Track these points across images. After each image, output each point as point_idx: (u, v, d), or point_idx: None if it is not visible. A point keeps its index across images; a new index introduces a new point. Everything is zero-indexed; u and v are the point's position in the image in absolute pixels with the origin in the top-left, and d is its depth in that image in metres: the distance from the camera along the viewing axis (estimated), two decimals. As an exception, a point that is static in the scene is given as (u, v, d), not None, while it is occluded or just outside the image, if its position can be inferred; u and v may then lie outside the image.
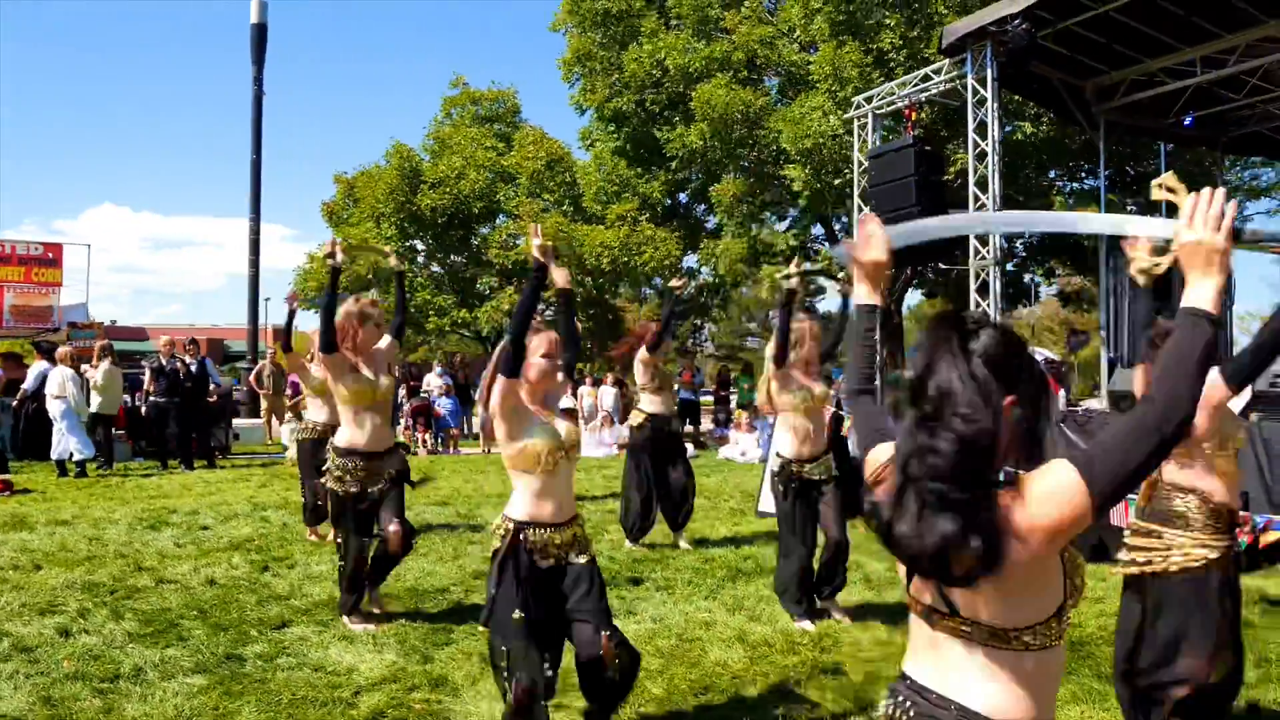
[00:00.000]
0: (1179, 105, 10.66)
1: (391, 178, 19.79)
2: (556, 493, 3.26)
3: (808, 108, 14.06)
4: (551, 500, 3.25)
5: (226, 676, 4.17)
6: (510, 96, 22.96)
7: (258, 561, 6.51)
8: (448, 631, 4.90)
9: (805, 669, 4.37)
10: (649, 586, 5.93)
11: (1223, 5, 8.63)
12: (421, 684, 4.11)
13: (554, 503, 3.25)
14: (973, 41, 9.42)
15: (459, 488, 10.75)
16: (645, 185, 18.12)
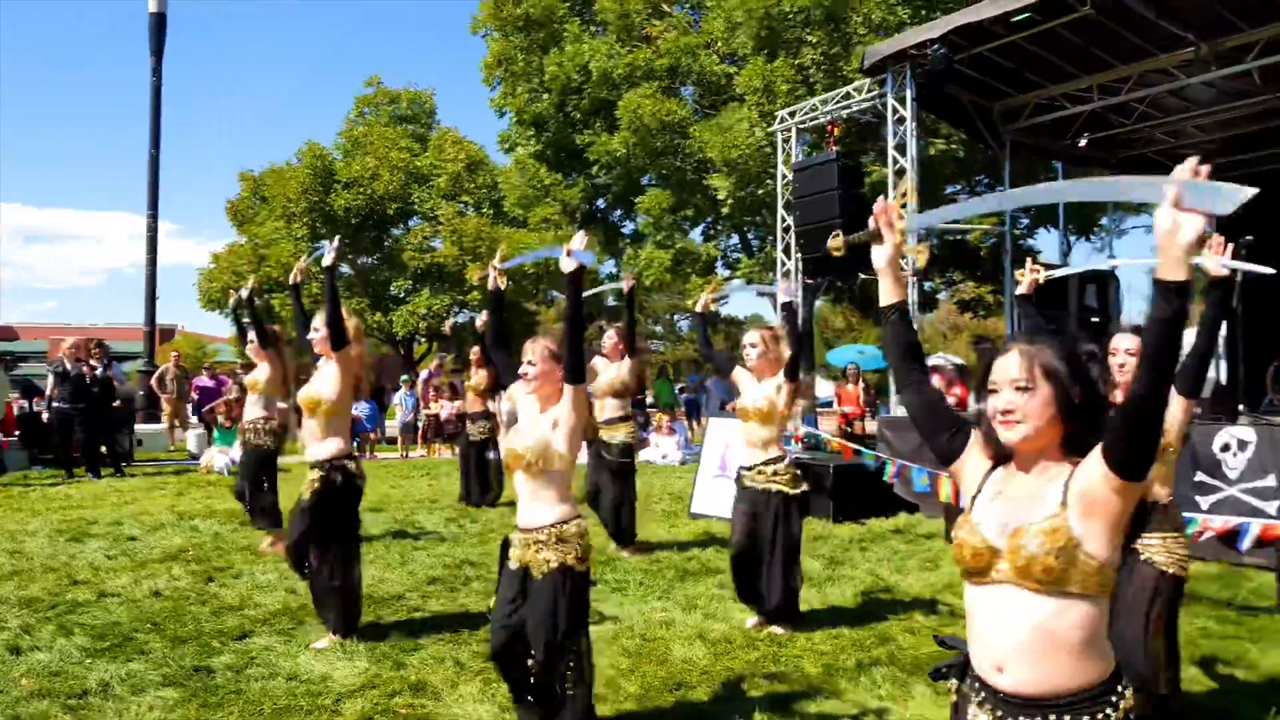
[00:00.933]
0: (1076, 127, 11.42)
1: (304, 177, 19.34)
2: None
3: (735, 119, 14.45)
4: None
5: (199, 689, 4.14)
6: (427, 98, 22.73)
7: (200, 572, 6.39)
8: (414, 637, 4.95)
9: (768, 663, 4.61)
10: (603, 589, 6.08)
11: (1118, 38, 9.31)
12: (401, 689, 4.17)
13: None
14: (893, 63, 9.90)
15: (388, 493, 10.67)
16: (566, 191, 18.23)
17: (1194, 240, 1.56)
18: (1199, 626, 5.21)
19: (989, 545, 1.84)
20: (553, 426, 3.36)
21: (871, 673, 4.41)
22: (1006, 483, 1.94)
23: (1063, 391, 1.85)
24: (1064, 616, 1.76)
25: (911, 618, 5.42)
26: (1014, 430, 1.87)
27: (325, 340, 4.84)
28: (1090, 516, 1.76)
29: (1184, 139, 12.28)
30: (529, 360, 3.43)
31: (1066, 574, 1.74)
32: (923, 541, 7.83)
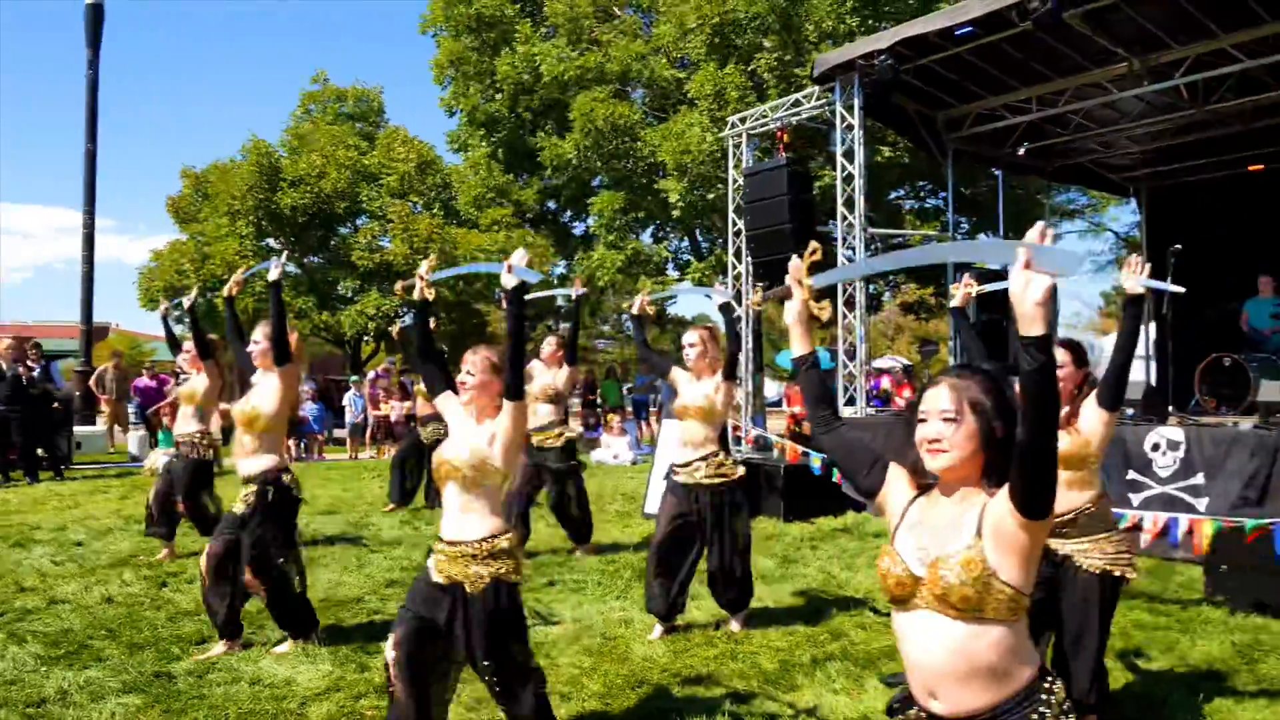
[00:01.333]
0: (1015, 137, 11.77)
1: (249, 174, 19.00)
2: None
3: (687, 124, 14.61)
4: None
5: (162, 694, 4.13)
6: (375, 96, 22.49)
7: (152, 578, 6.32)
8: (376, 640, 4.95)
9: (726, 660, 4.73)
10: (562, 589, 6.17)
11: (1057, 53, 9.65)
12: (367, 692, 4.20)
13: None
14: (841, 72, 10.12)
15: (340, 495, 10.60)
16: (521, 192, 18.19)
17: (1044, 298, 1.70)
18: (1132, 619, 5.47)
19: (911, 574, 1.95)
20: (490, 441, 3.28)
21: (826, 667, 4.56)
22: (927, 511, 2.04)
23: (987, 425, 1.95)
24: (981, 639, 1.87)
25: (863, 614, 5.59)
26: (939, 459, 1.97)
27: (267, 354, 4.80)
28: (1002, 549, 1.86)
29: (1116, 149, 12.75)
30: (468, 370, 3.38)
31: (983, 601, 1.85)
32: (871, 539, 8.04)
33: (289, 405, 4.87)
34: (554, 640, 5.02)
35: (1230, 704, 4.12)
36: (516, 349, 3.22)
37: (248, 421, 4.69)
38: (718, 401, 5.23)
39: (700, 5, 14.48)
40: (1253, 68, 9.10)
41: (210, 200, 20.16)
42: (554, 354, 7.36)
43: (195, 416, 6.92)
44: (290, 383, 4.80)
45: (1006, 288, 6.25)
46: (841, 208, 10.34)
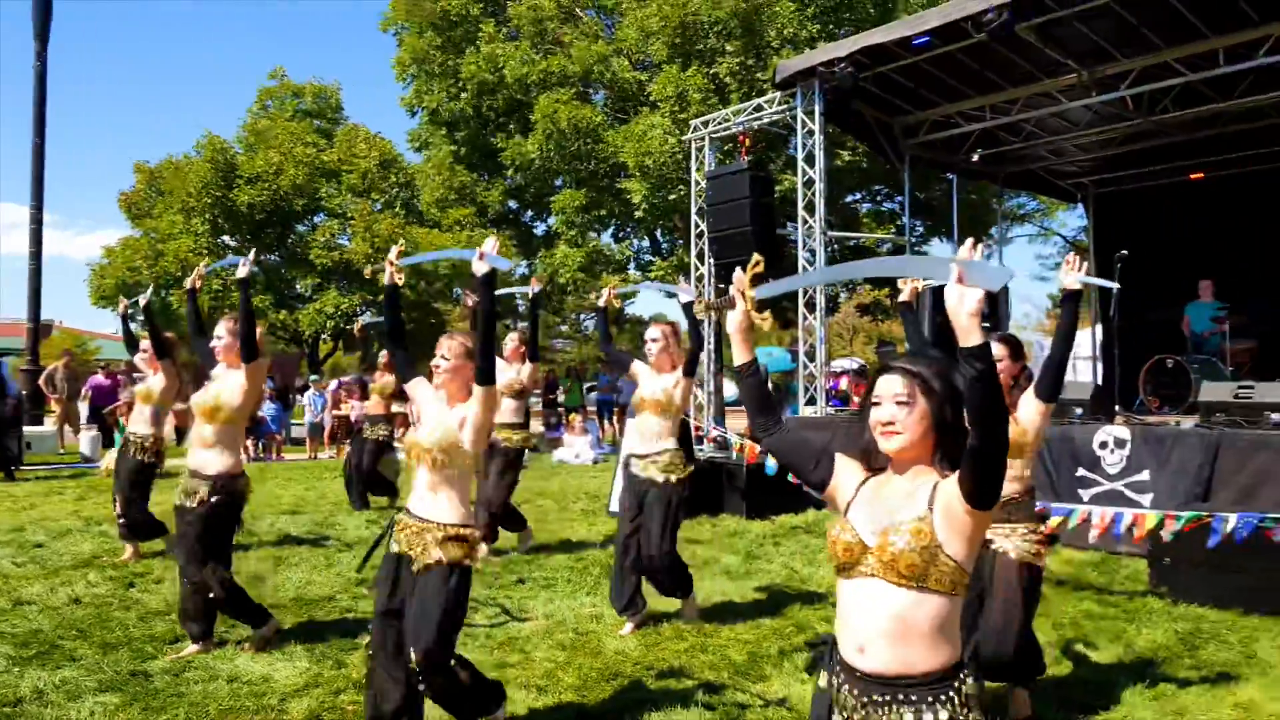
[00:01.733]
0: (969, 144, 12.09)
1: (204, 171, 18.74)
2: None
3: (649, 125, 14.74)
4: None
5: (140, 693, 4.15)
6: (333, 92, 22.28)
7: (118, 578, 6.28)
8: (350, 637, 5.03)
9: (696, 653, 4.87)
10: (532, 586, 6.26)
11: (1010, 63, 9.95)
12: (345, 687, 4.26)
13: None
14: (803, 79, 10.33)
15: (303, 495, 10.56)
16: (485, 192, 18.19)
17: (977, 310, 1.85)
18: (1082, 609, 5.72)
19: (860, 541, 2.06)
20: (460, 425, 3.41)
21: (793, 658, 4.73)
22: (880, 489, 2.15)
23: (938, 408, 2.08)
24: (920, 608, 1.98)
25: (827, 607, 5.76)
26: (893, 440, 2.09)
27: (232, 349, 4.82)
28: (949, 528, 1.99)
29: (1065, 157, 13.16)
30: (442, 355, 3.50)
31: (927, 571, 1.97)
32: (831, 536, 8.25)
33: (253, 401, 4.90)
34: (527, 635, 5.12)
35: (1173, 688, 4.35)
36: (487, 335, 3.34)
37: (210, 412, 4.68)
38: (675, 396, 5.35)
39: (663, 8, 14.64)
40: (1194, 81, 9.48)
41: (164, 197, 19.84)
42: (516, 350, 7.43)
43: (149, 417, 6.86)
44: (257, 380, 4.83)
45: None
46: (802, 211, 10.55)
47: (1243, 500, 6.54)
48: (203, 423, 4.70)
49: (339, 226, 19.33)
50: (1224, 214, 12.16)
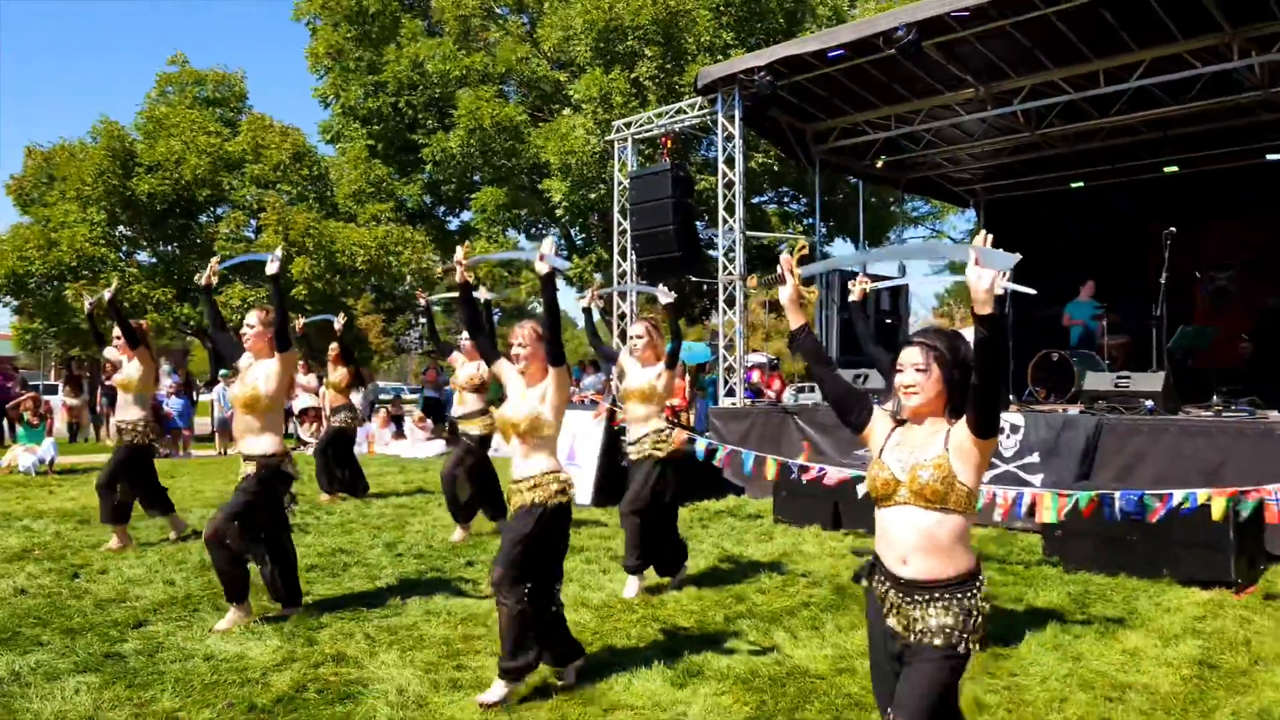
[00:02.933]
0: (874, 150, 12.84)
1: (100, 158, 18.05)
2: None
3: (571, 126, 15.01)
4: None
5: (119, 673, 4.25)
6: (237, 80, 21.66)
7: (58, 570, 6.25)
8: (314, 617, 5.20)
9: (649, 622, 5.24)
10: (483, 569, 6.50)
11: (915, 77, 10.67)
12: (322, 661, 4.46)
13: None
14: (723, 85, 10.82)
15: (224, 490, 10.43)
16: (403, 187, 18.07)
17: (990, 285, 2.34)
18: (986, 576, 6.32)
19: (894, 477, 2.61)
20: (541, 400, 4.00)
21: (738, 623, 5.15)
22: (904, 436, 2.70)
23: (948, 373, 2.63)
24: (943, 525, 2.55)
25: (759, 580, 6.22)
26: (913, 399, 2.64)
27: (263, 338, 5.10)
28: (960, 460, 2.55)
29: (960, 165, 14.08)
30: (519, 343, 4.09)
31: (947, 495, 2.53)
32: (753, 519, 8.74)
33: (286, 387, 5.14)
34: (486, 612, 5.38)
35: (1069, 639, 4.94)
36: (552, 323, 4.00)
37: (249, 403, 4.97)
38: (659, 386, 5.89)
39: (587, 10, 14.92)
40: (1077, 99, 10.38)
41: (57, 183, 19.00)
42: (471, 347, 7.67)
43: (135, 403, 6.96)
44: (289, 367, 5.10)
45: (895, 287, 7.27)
46: (723, 212, 11.04)
47: (1121, 478, 7.31)
48: (244, 414, 4.94)
49: (244, 218, 18.87)
50: (1100, 220, 13.26)
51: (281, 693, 4.04)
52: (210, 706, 3.86)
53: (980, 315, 2.39)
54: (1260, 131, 11.27)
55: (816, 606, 5.54)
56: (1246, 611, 5.44)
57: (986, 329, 2.40)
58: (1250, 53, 9.00)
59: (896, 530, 2.61)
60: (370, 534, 7.78)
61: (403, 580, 6.17)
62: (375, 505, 9.43)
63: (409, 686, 4.10)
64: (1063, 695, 4.11)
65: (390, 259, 16.76)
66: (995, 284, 2.35)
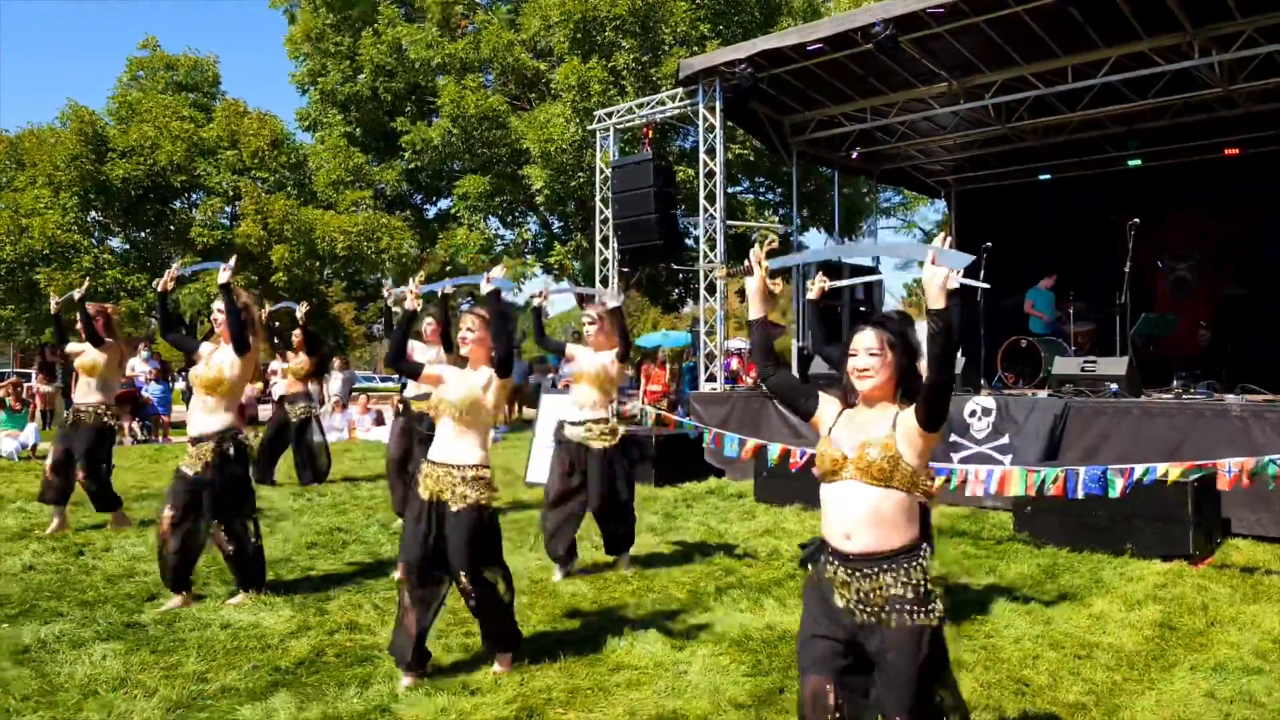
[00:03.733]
0: (849, 142, 13.14)
1: (71, 143, 17.90)
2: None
3: (551, 114, 15.16)
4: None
5: (141, 641, 4.42)
6: (209, 65, 21.51)
7: (62, 548, 6.37)
8: (321, 590, 5.39)
9: (643, 593, 5.49)
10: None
11: (891, 71, 10.97)
12: (336, 629, 4.66)
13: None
14: (705, 77, 11.05)
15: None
16: (382, 174, 18.11)
17: (943, 283, 2.51)
18: (961, 551, 6.65)
19: (842, 454, 2.70)
20: (485, 387, 4.06)
21: (729, 593, 5.41)
22: (854, 417, 2.81)
23: (899, 357, 2.73)
24: (887, 500, 2.64)
25: (745, 555, 6.49)
26: (866, 382, 2.73)
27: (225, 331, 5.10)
28: (906, 444, 2.67)
29: (932, 157, 14.43)
30: (467, 328, 4.16)
31: (892, 474, 2.65)
32: (735, 499, 9.01)
33: (249, 375, 5.21)
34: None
35: (1040, 606, 5.26)
36: (498, 335, 4.08)
37: (211, 385, 5.01)
38: (611, 371, 5.95)
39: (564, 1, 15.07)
40: (1046, 93, 10.72)
41: (26, 169, 18.82)
42: (434, 333, 7.73)
43: (97, 388, 6.99)
44: (249, 366, 5.16)
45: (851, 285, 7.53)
46: (703, 201, 11.28)
47: (1087, 458, 7.65)
48: (205, 394, 5.01)
49: (220, 205, 18.80)
50: (1066, 210, 13.68)
51: (301, 657, 4.24)
52: (236, 669, 4.05)
53: (933, 309, 2.52)
54: (1219, 127, 11.72)
55: (802, 578, 5.81)
56: (1204, 580, 5.79)
57: (940, 322, 2.53)
58: (1210, 51, 9.38)
59: (842, 505, 2.71)
60: (364, 514, 7.96)
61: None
62: (365, 487, 9.58)
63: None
64: (1035, 653, 4.41)
65: (369, 245, 16.81)
66: (948, 280, 2.52)
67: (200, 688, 3.83)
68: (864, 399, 2.79)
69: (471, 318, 4.20)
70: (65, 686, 3.81)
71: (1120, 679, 4.08)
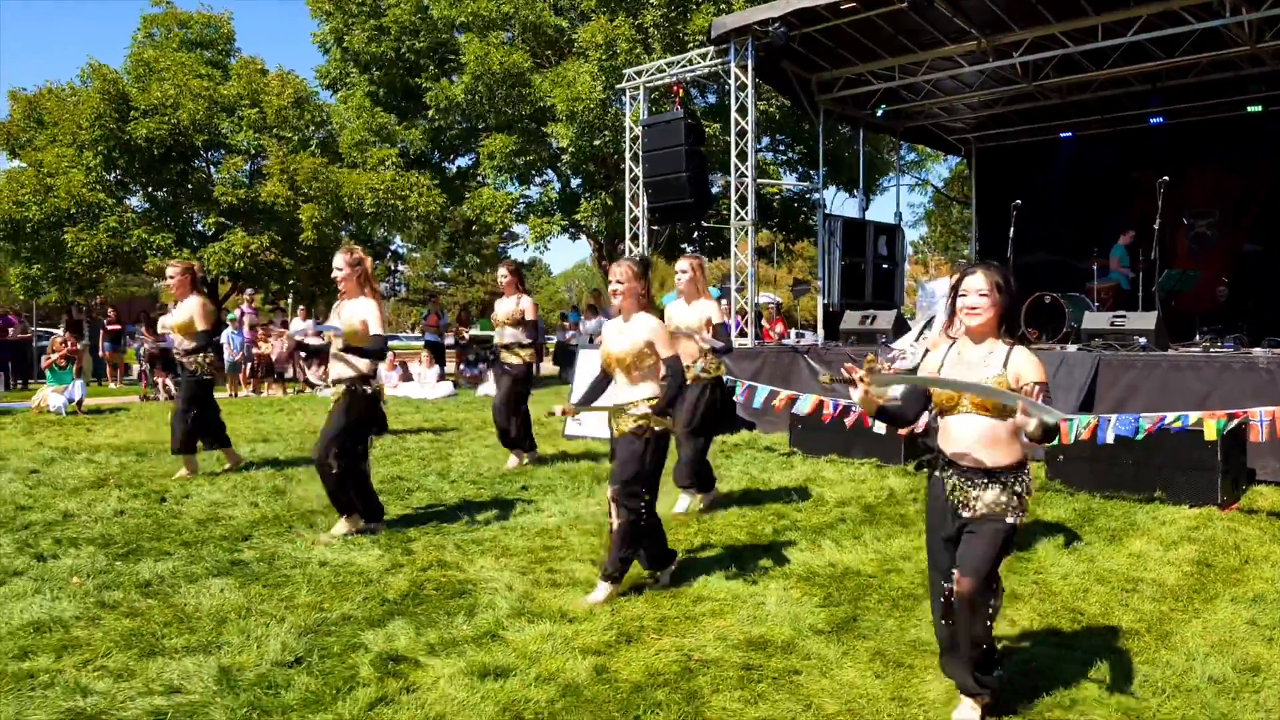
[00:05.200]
0: (875, 100, 13.25)
1: (95, 102, 17.96)
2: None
3: (578, 73, 15.22)
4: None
5: (250, 576, 4.73)
6: (223, 22, 21.46)
7: (143, 495, 6.68)
8: (403, 530, 5.71)
9: (705, 533, 5.80)
10: (536, 492, 7.03)
11: (920, 29, 11.07)
12: (427, 565, 4.98)
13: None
14: (737, 35, 11.15)
15: (257, 427, 10.85)
16: (406, 133, 18.17)
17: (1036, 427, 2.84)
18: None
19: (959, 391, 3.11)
20: (646, 334, 4.46)
21: (787, 534, 5.73)
22: (963, 355, 3.20)
23: (1005, 299, 3.14)
24: (1000, 428, 3.07)
25: (792, 500, 6.79)
26: (975, 319, 3.13)
27: (350, 279, 5.69)
28: (1015, 385, 3.04)
29: (954, 115, 14.53)
30: (616, 279, 4.57)
31: (1004, 408, 3.03)
32: (769, 451, 9.32)
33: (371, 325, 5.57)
34: (555, 527, 5.92)
35: (1080, 545, 5.57)
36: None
37: (350, 337, 5.53)
38: (714, 318, 6.39)
39: (591, -44, 15.06)
40: (1075, 52, 10.84)
41: (47, 128, 18.89)
42: (510, 282, 8.07)
43: (195, 340, 7.36)
44: (376, 309, 5.59)
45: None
46: (735, 160, 11.44)
47: (1117, 409, 7.93)
48: (348, 342, 5.45)
49: (242, 163, 18.89)
50: (1087, 168, 13.82)
51: (404, 591, 4.55)
52: (348, 600, 4.37)
53: (1043, 430, 2.87)
54: (1242, 85, 11.83)
55: (852, 521, 6.13)
56: (1233, 524, 6.09)
57: (1048, 429, 2.88)
58: (1240, 9, 9.49)
59: (961, 432, 3.13)
60: (419, 464, 8.28)
61: (467, 502, 6.67)
62: (410, 440, 9.90)
63: (514, 585, 4.63)
64: (1084, 588, 4.73)
65: (398, 202, 16.94)
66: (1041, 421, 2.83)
67: (322, 615, 4.14)
68: (971, 335, 3.17)
69: (621, 268, 4.57)
70: (197, 615, 4.13)
71: (1166, 609, 4.39)
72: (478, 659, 3.65)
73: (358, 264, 5.68)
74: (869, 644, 3.90)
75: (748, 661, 3.70)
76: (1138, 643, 3.96)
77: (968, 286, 3.15)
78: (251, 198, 18.27)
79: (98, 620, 4.04)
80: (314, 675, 3.47)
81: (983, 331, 3.15)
